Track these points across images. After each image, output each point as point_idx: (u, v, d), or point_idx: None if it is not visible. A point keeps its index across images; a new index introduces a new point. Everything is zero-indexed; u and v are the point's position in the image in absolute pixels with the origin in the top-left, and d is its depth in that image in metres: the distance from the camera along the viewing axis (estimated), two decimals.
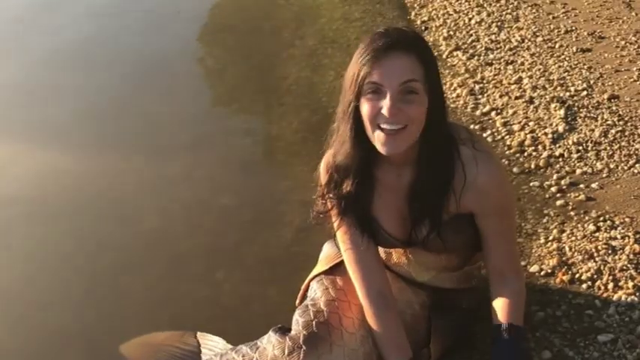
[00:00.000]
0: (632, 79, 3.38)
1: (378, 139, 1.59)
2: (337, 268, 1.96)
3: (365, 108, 1.58)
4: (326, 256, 2.07)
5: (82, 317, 2.55)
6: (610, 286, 2.13)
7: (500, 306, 1.74)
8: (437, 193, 1.68)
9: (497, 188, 1.70)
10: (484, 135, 3.15)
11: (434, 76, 1.61)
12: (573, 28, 4.06)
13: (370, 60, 1.55)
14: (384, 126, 1.56)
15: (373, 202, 1.78)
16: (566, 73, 3.53)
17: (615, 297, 2.08)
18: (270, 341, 1.78)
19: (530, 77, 3.56)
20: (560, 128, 3.04)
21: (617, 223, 2.42)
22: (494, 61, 3.84)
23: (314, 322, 1.76)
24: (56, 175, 3.49)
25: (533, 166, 2.84)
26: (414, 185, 1.71)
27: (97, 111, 4.13)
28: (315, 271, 2.03)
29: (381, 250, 1.93)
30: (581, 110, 3.16)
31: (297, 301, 2.05)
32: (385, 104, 1.53)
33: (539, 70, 3.62)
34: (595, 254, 2.27)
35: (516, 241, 1.87)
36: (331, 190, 1.77)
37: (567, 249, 2.33)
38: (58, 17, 5.77)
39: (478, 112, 3.36)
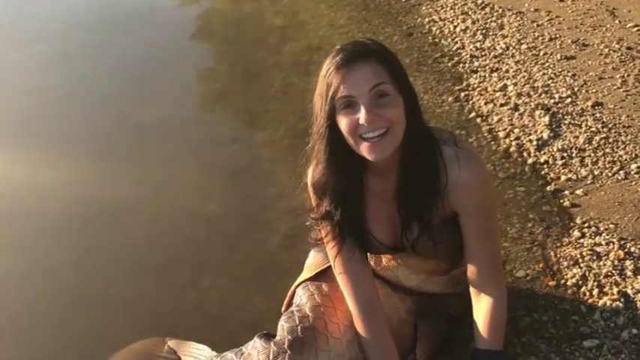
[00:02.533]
0: (615, 87, 3.41)
1: (363, 149, 1.59)
2: (323, 275, 1.96)
3: (343, 123, 1.58)
4: (312, 263, 2.07)
5: (68, 326, 2.53)
6: (595, 292, 2.14)
7: (480, 325, 1.75)
8: (423, 194, 1.69)
9: (480, 186, 1.70)
10: (469, 141, 3.16)
11: (400, 76, 1.62)
12: (557, 35, 4.09)
13: (335, 76, 1.56)
14: (366, 135, 1.56)
15: (362, 211, 1.77)
16: (551, 81, 3.56)
17: (600, 303, 2.09)
18: (255, 347, 1.78)
19: (515, 84, 3.58)
20: (545, 135, 3.06)
21: (601, 229, 2.44)
22: (479, 69, 3.86)
23: (299, 327, 1.76)
24: (41, 183, 3.46)
25: (518, 173, 2.86)
26: (400, 188, 1.71)
27: (81, 118, 4.11)
28: (300, 278, 2.02)
29: (369, 254, 1.93)
30: (565, 117, 3.19)
31: (283, 308, 2.04)
32: (361, 114, 1.54)
33: (524, 77, 3.64)
34: (580, 260, 2.28)
35: (499, 246, 1.87)
36: (320, 208, 1.76)
37: (552, 255, 2.34)
38: (38, 22, 5.77)
39: (463, 119, 3.38)
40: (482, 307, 1.75)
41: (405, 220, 1.73)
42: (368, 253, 1.90)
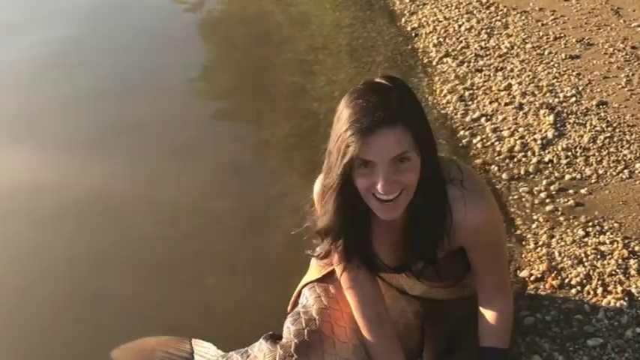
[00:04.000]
0: (620, 86, 3.41)
1: (375, 207, 1.56)
2: (330, 276, 1.94)
3: (359, 183, 1.53)
4: (318, 263, 2.06)
5: (71, 323, 2.53)
6: (599, 290, 2.14)
7: (486, 326, 1.75)
8: (429, 235, 1.66)
9: (486, 226, 1.67)
10: (473, 141, 3.17)
11: (423, 133, 1.54)
12: (562, 35, 4.09)
13: (354, 139, 1.46)
14: (379, 197, 1.53)
15: (368, 239, 1.74)
16: (555, 80, 3.56)
17: (604, 302, 2.09)
18: (261, 349, 1.77)
19: (520, 84, 3.59)
20: (550, 134, 3.06)
21: (605, 228, 2.44)
22: (483, 68, 3.86)
23: (306, 331, 1.75)
24: (43, 178, 3.47)
25: (522, 172, 2.86)
26: (406, 228, 1.68)
27: (86, 115, 4.12)
28: (307, 279, 2.00)
29: None
30: (570, 116, 3.19)
31: (289, 308, 2.03)
32: (380, 182, 1.49)
33: (529, 76, 3.65)
34: (584, 259, 2.29)
35: (507, 263, 1.87)
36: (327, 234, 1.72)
37: (557, 254, 2.35)
38: (43, 13, 5.79)
39: (468, 119, 3.38)
40: (489, 312, 1.76)
41: (409, 255, 1.71)
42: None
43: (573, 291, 2.17)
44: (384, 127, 1.46)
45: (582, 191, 2.67)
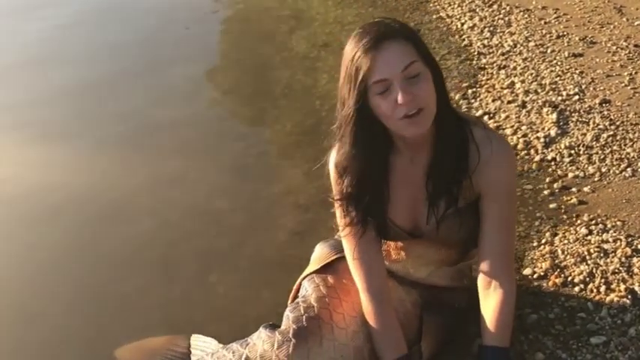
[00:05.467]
0: (623, 84, 3.40)
1: (401, 126, 1.59)
2: (329, 267, 1.97)
3: (381, 108, 1.58)
4: (318, 256, 2.07)
5: (74, 321, 2.54)
6: (602, 289, 2.14)
7: (488, 321, 1.74)
8: (453, 173, 1.71)
9: (509, 167, 1.75)
10: None
11: (426, 51, 1.62)
12: (565, 33, 4.09)
13: (364, 59, 1.56)
14: (402, 113, 1.56)
15: (386, 193, 1.78)
16: (558, 78, 3.55)
17: (607, 300, 2.09)
18: (260, 337, 1.79)
19: (523, 82, 3.58)
20: (553, 132, 3.06)
21: (609, 226, 2.43)
22: (486, 66, 3.86)
23: (304, 317, 1.76)
24: (46, 176, 3.47)
25: (525, 170, 2.86)
26: (431, 165, 1.73)
27: (90, 112, 4.12)
28: (307, 271, 2.03)
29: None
30: (573, 114, 3.18)
31: (289, 301, 2.04)
32: (399, 95, 1.54)
33: (532, 74, 3.64)
34: (587, 257, 2.28)
35: (514, 240, 1.88)
36: (343, 191, 1.77)
37: (560, 252, 2.34)
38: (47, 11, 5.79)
39: None
40: (491, 301, 1.75)
41: (432, 195, 1.74)
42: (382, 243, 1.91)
43: (576, 289, 2.16)
44: (387, 40, 1.56)
45: (585, 189, 2.67)
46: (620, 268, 2.21)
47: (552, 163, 2.88)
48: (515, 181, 1.85)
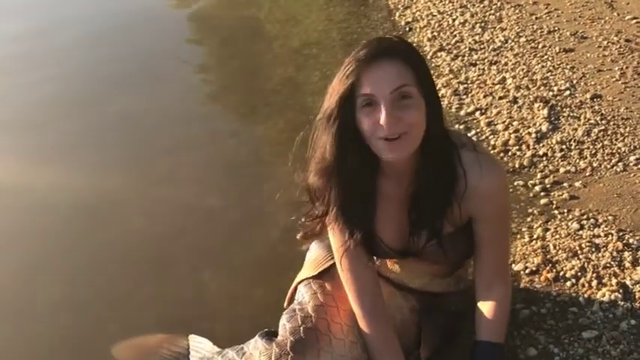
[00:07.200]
0: (614, 79, 3.41)
1: (381, 148, 1.54)
2: (326, 273, 1.93)
3: (363, 124, 1.52)
4: (314, 259, 2.04)
5: (67, 319, 2.53)
6: (594, 283, 2.15)
7: (482, 319, 1.75)
8: (437, 199, 1.65)
9: (499, 191, 1.68)
10: (468, 135, 3.17)
11: (425, 79, 1.55)
12: (556, 28, 4.10)
13: (355, 71, 1.50)
14: (383, 135, 1.51)
15: (373, 212, 1.74)
16: (549, 73, 3.56)
17: (599, 294, 2.10)
18: (256, 347, 1.75)
19: (514, 77, 3.59)
20: (544, 128, 3.06)
21: (600, 221, 2.44)
22: (478, 62, 3.86)
23: (302, 328, 1.73)
24: (38, 175, 3.46)
25: (517, 165, 2.86)
26: (414, 194, 1.67)
27: (82, 111, 4.11)
28: (303, 275, 1.99)
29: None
30: (564, 110, 3.19)
31: (286, 304, 2.02)
32: (381, 116, 1.48)
33: (523, 70, 3.65)
34: (579, 252, 2.29)
35: (509, 246, 1.86)
36: (329, 208, 1.71)
37: (551, 247, 2.35)
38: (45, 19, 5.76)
39: (462, 112, 3.38)
40: (487, 302, 1.75)
41: (414, 224, 1.70)
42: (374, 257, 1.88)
43: (568, 284, 2.17)
44: (384, 58, 1.50)
45: (577, 184, 2.68)
46: (612, 263, 2.21)
47: (544, 158, 2.88)
48: (509, 201, 1.78)
